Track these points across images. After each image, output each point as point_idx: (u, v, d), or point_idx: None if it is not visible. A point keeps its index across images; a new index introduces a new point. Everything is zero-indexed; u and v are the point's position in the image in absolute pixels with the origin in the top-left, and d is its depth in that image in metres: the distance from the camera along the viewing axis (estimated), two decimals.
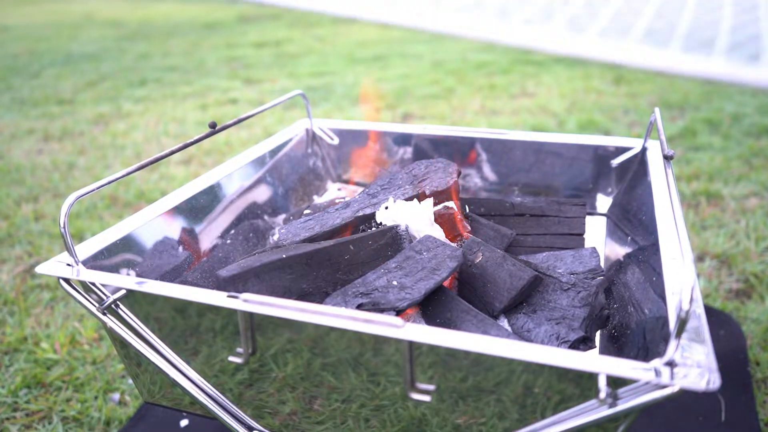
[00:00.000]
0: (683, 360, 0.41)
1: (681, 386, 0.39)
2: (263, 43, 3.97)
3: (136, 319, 0.58)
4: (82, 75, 3.14)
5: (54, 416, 0.87)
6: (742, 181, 1.57)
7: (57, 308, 1.12)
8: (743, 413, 0.81)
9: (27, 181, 1.74)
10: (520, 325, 0.63)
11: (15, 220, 1.48)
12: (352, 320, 0.45)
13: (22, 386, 0.92)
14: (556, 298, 0.64)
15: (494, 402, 0.49)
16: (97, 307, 0.56)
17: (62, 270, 0.56)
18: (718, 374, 0.40)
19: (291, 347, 0.53)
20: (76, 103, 2.61)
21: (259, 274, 0.63)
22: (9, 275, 1.23)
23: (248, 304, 0.48)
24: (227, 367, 0.58)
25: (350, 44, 3.85)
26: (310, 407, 0.57)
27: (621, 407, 0.42)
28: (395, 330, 0.44)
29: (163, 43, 4.07)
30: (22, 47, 3.94)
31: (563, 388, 0.46)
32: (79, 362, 0.97)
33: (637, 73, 2.81)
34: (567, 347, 0.58)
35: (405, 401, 0.52)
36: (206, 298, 0.50)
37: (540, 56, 3.25)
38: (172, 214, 0.73)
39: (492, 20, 4.38)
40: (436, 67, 3.10)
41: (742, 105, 2.22)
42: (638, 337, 0.57)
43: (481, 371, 0.47)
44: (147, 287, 0.53)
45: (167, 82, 2.96)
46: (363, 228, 0.76)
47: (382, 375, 0.51)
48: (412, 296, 0.59)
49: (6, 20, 5.22)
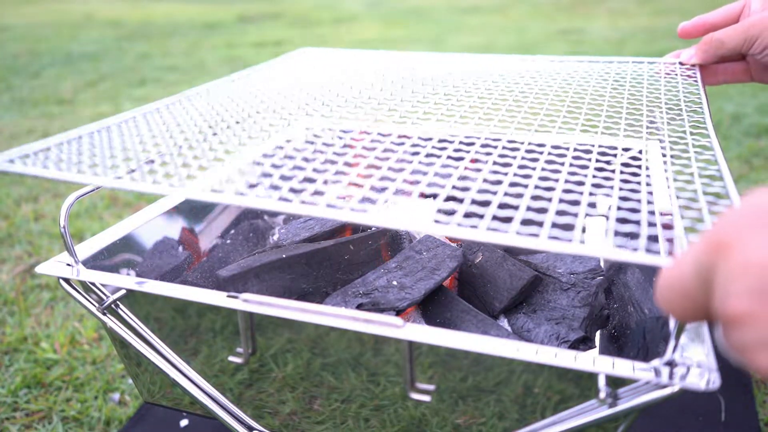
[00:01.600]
0: (683, 360, 0.40)
1: (681, 386, 0.39)
2: (263, 43, 3.97)
3: (136, 319, 0.58)
4: (82, 75, 3.14)
5: (54, 416, 0.87)
6: (742, 182, 1.57)
7: (57, 308, 1.12)
8: (743, 413, 0.81)
9: (27, 181, 1.74)
10: (520, 325, 0.63)
11: (15, 220, 1.48)
12: (353, 320, 0.45)
13: (21, 386, 0.92)
14: (556, 298, 0.64)
15: (494, 402, 0.49)
16: (97, 307, 0.56)
17: (62, 270, 0.56)
18: (718, 374, 0.40)
19: (291, 347, 0.53)
20: (76, 103, 2.61)
21: (259, 274, 0.63)
22: (9, 275, 1.23)
23: (248, 304, 0.48)
24: (227, 367, 0.58)
25: (351, 44, 3.86)
26: (310, 407, 0.57)
27: (621, 407, 0.42)
28: (395, 330, 0.44)
29: (162, 43, 4.07)
30: (21, 47, 3.94)
31: (563, 388, 0.46)
32: (79, 362, 0.97)
33: None
34: (567, 347, 0.59)
35: (405, 401, 0.52)
36: (206, 298, 0.50)
37: None
38: (172, 214, 0.73)
39: None
40: None
41: (742, 105, 2.23)
42: (638, 337, 0.57)
43: (481, 371, 0.47)
44: (147, 287, 0.53)
45: (167, 82, 2.96)
46: (363, 228, 0.76)
47: (382, 375, 0.51)
48: (412, 296, 0.59)
49: (6, 20, 5.22)
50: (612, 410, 0.42)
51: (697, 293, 0.24)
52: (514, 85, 0.70)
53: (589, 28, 4.14)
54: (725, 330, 0.22)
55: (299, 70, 0.81)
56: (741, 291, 0.21)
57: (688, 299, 0.25)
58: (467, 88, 0.69)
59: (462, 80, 0.73)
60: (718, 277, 0.23)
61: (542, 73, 0.77)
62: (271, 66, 0.82)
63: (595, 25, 4.26)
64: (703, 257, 0.24)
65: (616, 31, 3.95)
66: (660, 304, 0.27)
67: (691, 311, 0.25)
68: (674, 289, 0.26)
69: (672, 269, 0.26)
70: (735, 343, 0.22)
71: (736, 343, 0.22)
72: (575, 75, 0.76)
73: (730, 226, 0.23)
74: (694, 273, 0.24)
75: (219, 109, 0.61)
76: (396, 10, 5.61)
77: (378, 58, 0.87)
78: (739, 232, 0.22)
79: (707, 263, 0.24)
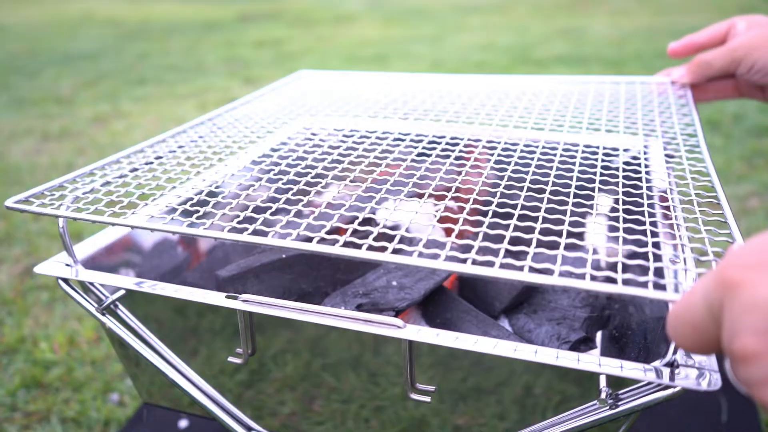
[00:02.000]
0: (684, 360, 0.40)
1: (682, 387, 0.39)
2: (263, 43, 3.96)
3: (135, 320, 0.58)
4: (81, 74, 3.14)
5: (53, 417, 0.86)
6: (743, 181, 1.57)
7: (56, 308, 1.12)
8: (744, 414, 0.81)
9: (26, 181, 1.74)
10: (521, 326, 0.63)
11: (13, 220, 1.48)
12: (353, 320, 0.45)
13: (20, 387, 0.92)
14: (557, 299, 0.64)
15: (495, 403, 0.48)
16: (96, 308, 0.56)
17: (61, 270, 0.56)
18: (719, 375, 0.39)
19: (290, 347, 0.53)
20: (75, 103, 2.61)
21: (259, 274, 0.62)
22: (8, 275, 1.23)
23: (247, 304, 0.48)
24: (226, 367, 0.58)
25: (351, 44, 3.85)
26: (309, 408, 0.57)
27: (622, 408, 0.42)
28: (396, 330, 0.44)
29: (162, 42, 4.07)
30: (20, 46, 3.93)
31: (564, 389, 0.45)
32: (78, 363, 0.97)
33: (638, 73, 2.81)
34: (568, 348, 0.58)
35: (405, 402, 0.52)
36: (205, 298, 0.50)
37: (540, 56, 3.25)
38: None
39: None
40: (436, 67, 3.10)
41: (743, 105, 2.22)
42: (639, 337, 0.57)
43: (482, 372, 0.47)
44: (146, 287, 0.52)
45: (166, 82, 2.96)
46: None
47: (381, 375, 0.51)
48: (412, 296, 0.59)
49: (5, 20, 5.22)
50: (613, 411, 0.42)
51: (706, 326, 0.25)
52: (513, 109, 0.72)
53: (590, 28, 4.14)
54: (733, 365, 0.23)
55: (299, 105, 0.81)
56: (748, 329, 0.22)
57: (697, 332, 0.26)
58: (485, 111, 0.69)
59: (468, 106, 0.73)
60: (726, 314, 0.24)
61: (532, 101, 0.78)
62: (267, 96, 0.82)
63: (596, 24, 4.26)
64: (711, 293, 0.25)
65: (617, 30, 3.95)
66: (670, 336, 0.28)
67: (700, 343, 0.26)
68: (685, 322, 0.26)
69: (682, 302, 0.27)
70: (742, 378, 0.23)
71: (743, 378, 0.23)
72: (572, 96, 0.78)
73: (737, 265, 0.24)
74: (703, 307, 0.25)
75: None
76: (396, 9, 5.60)
77: (378, 84, 0.86)
78: (746, 271, 0.23)
79: (716, 299, 0.24)
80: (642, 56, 3.12)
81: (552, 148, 0.63)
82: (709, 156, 0.56)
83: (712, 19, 0.84)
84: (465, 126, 0.70)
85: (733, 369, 0.24)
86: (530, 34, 4.03)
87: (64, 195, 0.54)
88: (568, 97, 0.78)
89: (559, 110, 0.72)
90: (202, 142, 0.67)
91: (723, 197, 0.49)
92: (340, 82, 0.90)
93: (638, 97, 0.76)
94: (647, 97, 0.76)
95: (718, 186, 0.51)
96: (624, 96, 0.77)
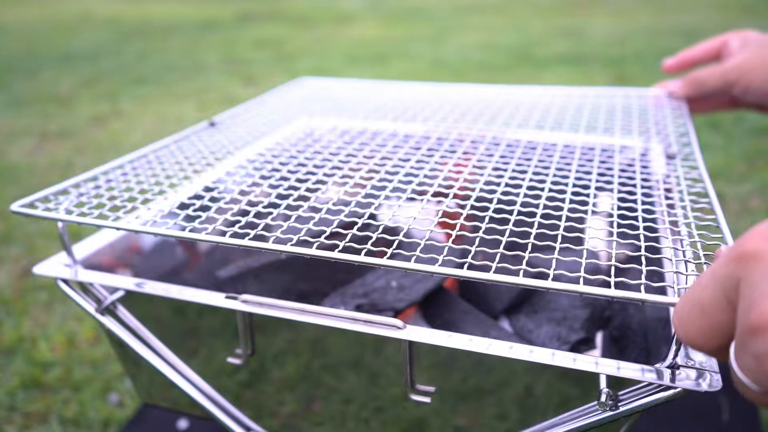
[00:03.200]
0: (685, 361, 0.40)
1: (683, 388, 0.39)
2: (262, 42, 3.96)
3: (134, 320, 0.58)
4: (80, 74, 3.14)
5: (52, 417, 0.86)
6: (744, 181, 1.57)
7: (55, 309, 1.11)
8: (745, 414, 0.81)
9: (24, 181, 1.74)
10: (521, 326, 0.62)
11: (12, 220, 1.47)
12: (352, 321, 0.45)
13: (19, 387, 0.92)
14: (557, 299, 0.64)
15: (495, 403, 0.48)
16: (95, 308, 0.56)
17: (60, 270, 0.55)
18: (720, 375, 0.39)
19: (290, 348, 0.53)
20: (74, 102, 2.61)
21: (258, 274, 0.62)
22: (7, 275, 1.23)
23: (247, 304, 0.48)
24: (226, 368, 0.57)
25: (351, 43, 3.85)
26: (309, 408, 0.57)
27: (622, 409, 0.42)
28: (396, 331, 0.44)
29: (161, 42, 4.07)
30: (19, 46, 3.93)
31: (564, 390, 0.45)
32: (77, 363, 0.97)
33: (639, 72, 2.81)
34: (568, 348, 0.58)
35: (405, 402, 0.51)
36: (205, 298, 0.50)
37: (541, 55, 3.25)
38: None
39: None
40: (437, 66, 3.10)
41: None
42: (640, 338, 0.57)
43: (482, 372, 0.47)
44: (145, 288, 0.52)
45: (166, 81, 2.96)
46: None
47: (381, 376, 0.51)
48: (411, 297, 0.59)
49: (4, 19, 5.21)
50: (613, 412, 0.42)
51: (717, 305, 0.25)
52: (511, 119, 0.73)
53: (590, 27, 4.14)
54: (745, 343, 0.23)
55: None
56: None
57: (706, 314, 0.26)
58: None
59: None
60: (744, 285, 0.23)
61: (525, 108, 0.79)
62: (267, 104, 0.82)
63: (596, 24, 4.26)
64: (724, 270, 0.24)
65: (617, 30, 3.95)
66: (675, 326, 0.27)
67: (709, 327, 0.26)
68: (694, 305, 0.26)
69: (689, 291, 0.26)
70: (756, 351, 0.22)
71: (757, 351, 0.22)
72: (570, 105, 0.79)
73: (753, 239, 0.24)
74: (714, 288, 0.25)
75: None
76: (396, 9, 5.60)
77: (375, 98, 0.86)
78: (763, 242, 0.23)
79: (730, 276, 0.24)
80: (642, 55, 3.12)
81: (549, 155, 0.63)
82: (704, 164, 0.57)
83: (712, 18, 0.84)
84: (465, 130, 0.70)
85: (741, 352, 0.23)
86: (530, 33, 4.02)
87: (67, 198, 0.54)
88: (566, 106, 0.78)
89: (556, 119, 0.73)
90: (203, 147, 0.67)
91: (716, 203, 0.50)
92: (342, 88, 0.90)
93: (634, 107, 0.77)
94: (644, 108, 0.76)
95: (711, 192, 0.52)
96: (620, 107, 0.78)
